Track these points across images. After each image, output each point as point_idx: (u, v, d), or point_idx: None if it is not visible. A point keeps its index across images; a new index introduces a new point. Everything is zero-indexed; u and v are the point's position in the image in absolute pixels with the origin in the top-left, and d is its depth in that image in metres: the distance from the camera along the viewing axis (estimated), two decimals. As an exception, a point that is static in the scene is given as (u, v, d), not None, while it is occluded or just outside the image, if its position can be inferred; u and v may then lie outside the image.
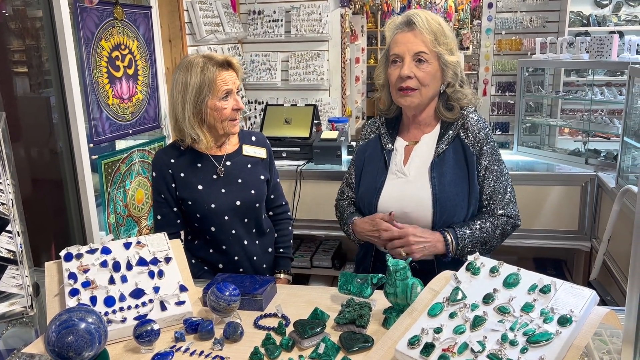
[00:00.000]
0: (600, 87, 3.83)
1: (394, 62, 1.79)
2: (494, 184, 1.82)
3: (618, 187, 2.71)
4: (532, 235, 3.12)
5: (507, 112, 5.57)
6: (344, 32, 4.98)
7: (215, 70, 1.90)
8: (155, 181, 2.01)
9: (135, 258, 1.58)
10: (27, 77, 2.68)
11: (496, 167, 1.83)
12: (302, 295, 1.69)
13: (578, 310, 1.19)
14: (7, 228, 1.49)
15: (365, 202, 1.88)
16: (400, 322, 1.37)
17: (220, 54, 2.50)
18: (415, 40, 1.75)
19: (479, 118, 1.86)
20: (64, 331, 1.21)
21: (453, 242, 1.75)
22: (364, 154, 1.98)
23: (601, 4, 5.39)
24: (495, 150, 1.85)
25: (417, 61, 1.75)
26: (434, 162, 1.80)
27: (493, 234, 1.81)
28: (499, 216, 1.82)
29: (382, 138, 1.94)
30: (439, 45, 1.75)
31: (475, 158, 1.81)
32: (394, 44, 1.80)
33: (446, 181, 1.78)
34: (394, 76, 1.79)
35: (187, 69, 1.90)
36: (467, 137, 1.81)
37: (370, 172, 1.92)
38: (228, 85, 1.92)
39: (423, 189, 1.79)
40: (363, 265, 1.97)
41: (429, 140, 1.86)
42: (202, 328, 1.43)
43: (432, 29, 1.75)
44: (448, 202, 1.76)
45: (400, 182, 1.84)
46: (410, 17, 1.78)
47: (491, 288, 1.32)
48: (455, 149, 1.81)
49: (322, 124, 3.84)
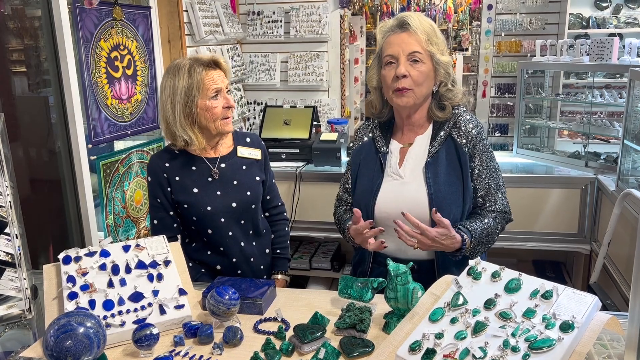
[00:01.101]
0: (600, 89, 3.82)
1: (389, 64, 1.81)
2: (489, 181, 1.85)
3: (618, 191, 2.70)
4: (531, 237, 3.12)
5: (507, 113, 5.57)
6: (343, 33, 4.97)
7: (203, 70, 1.88)
8: (150, 185, 2.00)
9: (134, 261, 1.57)
10: (26, 77, 2.66)
11: (490, 164, 1.86)
12: (302, 299, 1.68)
13: (580, 317, 1.18)
14: (5, 230, 1.48)
15: (362, 205, 1.88)
16: (401, 327, 1.36)
17: (207, 54, 2.49)
18: (409, 40, 1.77)
19: (470, 117, 1.88)
20: (62, 335, 1.21)
21: (469, 244, 1.76)
22: (358, 157, 1.99)
23: (601, 6, 5.39)
24: (488, 148, 1.88)
25: (411, 61, 1.77)
26: (428, 162, 1.82)
27: (495, 230, 1.84)
28: (498, 212, 1.85)
29: (377, 141, 1.95)
30: (432, 45, 1.78)
31: (469, 157, 1.83)
32: (387, 45, 1.82)
33: (441, 181, 1.80)
34: (389, 77, 1.80)
35: (175, 73, 1.89)
36: (459, 136, 1.84)
37: (366, 175, 1.93)
38: (217, 84, 1.91)
39: (419, 190, 1.81)
40: (361, 268, 1.97)
41: (422, 141, 1.88)
42: (202, 332, 1.43)
43: (425, 30, 1.78)
44: (444, 201, 1.78)
45: (397, 184, 1.86)
46: (403, 18, 1.81)
47: (492, 293, 1.32)
48: (448, 149, 1.84)
49: (321, 126, 3.83)
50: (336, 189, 2.15)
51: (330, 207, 2.14)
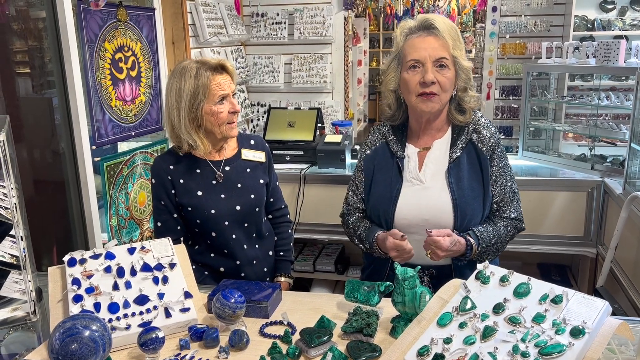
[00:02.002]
0: (606, 91, 3.80)
1: (413, 68, 1.76)
2: (504, 187, 1.82)
3: (625, 194, 2.68)
4: (537, 241, 3.10)
5: (511, 116, 5.55)
6: (347, 34, 4.97)
7: (209, 74, 1.87)
8: (154, 188, 2.00)
9: (140, 264, 1.56)
10: (30, 78, 2.66)
11: (506, 170, 1.85)
12: (308, 303, 1.67)
13: (591, 322, 1.17)
14: (10, 232, 1.47)
15: (380, 212, 1.85)
16: (408, 332, 1.35)
17: (215, 57, 2.48)
18: (436, 45, 1.73)
19: (489, 122, 1.86)
20: (68, 339, 1.20)
21: (476, 250, 1.75)
22: (372, 162, 1.95)
23: (606, 8, 5.38)
24: (505, 154, 1.86)
25: (438, 66, 1.74)
26: (450, 167, 1.79)
27: (505, 237, 1.83)
28: (510, 219, 1.82)
29: (391, 145, 1.91)
30: (457, 50, 1.75)
31: (489, 162, 1.81)
32: (411, 48, 1.76)
33: (464, 186, 1.77)
34: (414, 82, 1.75)
35: (181, 75, 1.88)
36: (479, 141, 1.81)
37: (382, 181, 1.89)
38: (224, 89, 1.89)
39: (442, 195, 1.78)
40: (377, 277, 1.94)
41: (442, 145, 1.84)
42: (207, 336, 1.41)
43: (450, 34, 1.74)
44: (467, 207, 1.76)
45: (417, 189, 1.82)
46: (430, 21, 1.75)
47: (501, 298, 1.30)
48: (469, 153, 1.81)
49: (325, 128, 3.82)
50: (341, 191, 2.13)
51: (335, 209, 2.12)
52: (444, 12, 8.16)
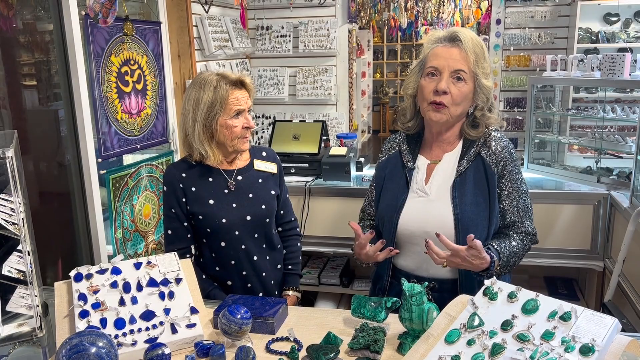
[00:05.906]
0: (611, 103, 3.80)
1: (430, 75, 1.76)
2: (518, 202, 1.81)
3: (632, 207, 2.67)
4: (543, 254, 3.08)
5: (516, 128, 5.55)
6: (351, 47, 4.99)
7: (228, 88, 1.90)
8: (165, 195, 2.00)
9: (146, 279, 1.56)
10: (37, 91, 2.68)
11: (520, 186, 1.83)
12: (314, 318, 1.66)
13: (600, 339, 1.16)
14: (17, 248, 1.47)
15: (385, 220, 1.85)
16: (416, 349, 1.33)
17: (234, 72, 2.50)
18: (458, 57, 1.73)
19: (501, 136, 1.85)
20: (74, 356, 1.19)
21: (497, 265, 1.71)
22: (384, 170, 1.96)
23: (610, 20, 5.38)
24: (519, 169, 1.84)
25: (454, 78, 1.73)
26: (456, 181, 1.78)
27: (522, 252, 1.81)
28: (525, 234, 1.81)
29: (403, 155, 1.91)
30: (478, 67, 1.74)
31: (498, 177, 1.79)
32: (433, 56, 1.77)
33: (467, 201, 1.76)
34: (429, 89, 1.76)
35: (201, 86, 1.91)
36: (488, 155, 1.80)
37: (391, 190, 1.89)
38: (240, 105, 1.92)
39: (445, 209, 1.77)
40: (379, 284, 1.93)
41: (451, 158, 1.84)
42: (214, 352, 1.40)
43: (475, 50, 1.74)
44: (470, 222, 1.74)
45: (422, 201, 1.82)
46: (457, 33, 1.76)
47: (509, 314, 1.29)
48: (477, 167, 1.80)
49: (330, 140, 3.82)
50: (346, 203, 2.13)
51: (339, 222, 2.12)
52: (447, 25, 8.18)
